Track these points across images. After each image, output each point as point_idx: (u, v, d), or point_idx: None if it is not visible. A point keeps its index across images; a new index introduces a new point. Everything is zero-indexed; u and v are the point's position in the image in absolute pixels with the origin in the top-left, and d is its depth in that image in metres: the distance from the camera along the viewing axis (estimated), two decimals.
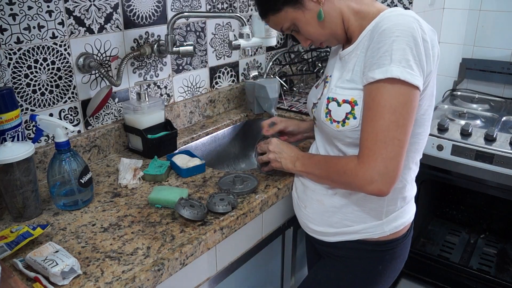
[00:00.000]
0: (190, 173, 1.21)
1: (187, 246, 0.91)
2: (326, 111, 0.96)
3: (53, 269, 0.79)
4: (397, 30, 0.82)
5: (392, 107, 0.83)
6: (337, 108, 0.93)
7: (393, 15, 0.85)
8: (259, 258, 1.25)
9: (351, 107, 0.91)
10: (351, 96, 0.91)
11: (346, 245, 1.03)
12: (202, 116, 1.67)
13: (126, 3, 1.33)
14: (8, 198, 0.99)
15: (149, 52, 1.41)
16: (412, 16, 0.84)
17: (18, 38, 1.11)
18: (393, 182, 0.86)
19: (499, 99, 2.12)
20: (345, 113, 0.92)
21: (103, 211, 1.05)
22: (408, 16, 0.84)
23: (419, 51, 0.83)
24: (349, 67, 0.94)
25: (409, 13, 0.85)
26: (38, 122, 1.04)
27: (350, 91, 0.92)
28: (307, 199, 1.07)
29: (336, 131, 0.95)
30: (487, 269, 1.96)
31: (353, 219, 1.00)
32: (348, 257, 1.05)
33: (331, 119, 0.95)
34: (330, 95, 0.96)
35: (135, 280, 0.81)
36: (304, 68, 2.03)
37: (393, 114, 0.83)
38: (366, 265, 1.04)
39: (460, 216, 2.27)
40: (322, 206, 1.03)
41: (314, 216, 1.06)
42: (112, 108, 1.39)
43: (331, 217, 1.03)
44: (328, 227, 1.04)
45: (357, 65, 0.92)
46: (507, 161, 1.60)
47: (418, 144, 0.97)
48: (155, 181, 1.18)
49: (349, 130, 0.92)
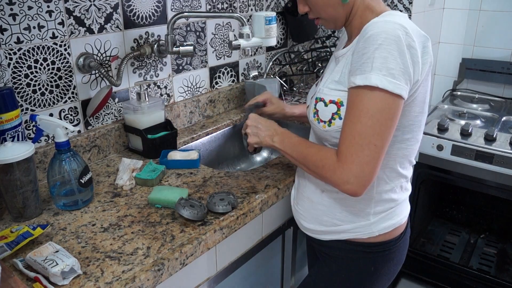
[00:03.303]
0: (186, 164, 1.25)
1: (187, 246, 0.91)
2: (314, 111, 0.97)
3: (53, 269, 0.79)
4: (380, 38, 0.82)
5: (369, 112, 0.84)
6: (324, 108, 0.94)
7: (380, 21, 0.85)
8: (259, 258, 1.25)
9: (337, 108, 0.92)
10: (338, 97, 0.92)
11: (337, 245, 1.04)
12: (202, 116, 1.68)
13: (126, 3, 1.33)
14: (8, 198, 0.99)
15: (149, 52, 1.41)
16: (399, 23, 0.83)
17: (18, 38, 1.11)
18: (366, 185, 0.88)
19: (499, 99, 2.12)
20: (331, 113, 0.93)
21: (103, 211, 1.05)
22: (395, 23, 0.83)
23: (404, 59, 0.82)
24: (339, 69, 0.95)
25: (397, 20, 0.84)
26: (38, 122, 1.04)
27: (337, 92, 0.93)
28: (299, 196, 1.09)
29: (323, 131, 0.96)
30: (487, 269, 1.96)
31: (341, 218, 1.01)
32: (340, 257, 1.05)
33: (319, 119, 0.96)
34: (318, 95, 0.97)
35: (135, 280, 0.81)
36: (304, 68, 2.03)
37: (370, 119, 0.84)
38: (358, 266, 1.04)
39: (460, 216, 2.27)
40: (311, 203, 1.04)
41: (305, 213, 1.07)
42: (112, 108, 1.39)
43: (320, 215, 1.03)
44: (319, 225, 1.04)
45: (345, 67, 0.92)
46: (507, 161, 1.60)
47: (407, 150, 0.96)
48: (146, 185, 1.16)
49: (335, 131, 0.93)
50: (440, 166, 1.78)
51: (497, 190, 1.70)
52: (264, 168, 1.27)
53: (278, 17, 1.96)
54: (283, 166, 1.27)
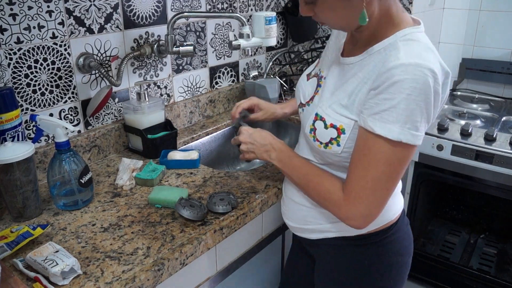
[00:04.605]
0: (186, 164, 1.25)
1: (187, 246, 0.91)
2: (311, 127, 0.92)
3: (53, 269, 0.79)
4: (409, 87, 0.75)
5: (388, 161, 0.81)
6: (323, 130, 0.89)
7: (411, 64, 0.76)
8: (259, 258, 1.25)
9: (338, 134, 0.88)
10: (341, 123, 0.87)
11: (325, 242, 1.01)
12: (202, 116, 1.68)
13: (126, 3, 1.33)
14: (8, 198, 0.99)
15: (149, 52, 1.41)
16: (429, 68, 0.76)
17: (18, 38, 1.11)
18: (371, 221, 0.87)
19: (499, 99, 2.12)
20: (329, 138, 0.89)
21: (103, 211, 1.05)
22: (425, 68, 0.76)
23: (429, 109, 0.78)
24: (347, 89, 0.87)
25: (426, 61, 0.77)
26: (38, 122, 1.04)
27: (341, 117, 0.87)
28: (284, 196, 1.09)
29: (317, 149, 0.92)
30: (487, 269, 1.96)
31: (324, 218, 0.98)
32: (331, 255, 1.03)
33: (315, 137, 0.91)
34: (319, 112, 0.91)
35: (135, 280, 0.81)
36: (304, 68, 2.03)
37: (388, 167, 0.81)
38: (350, 261, 1.01)
39: (460, 216, 2.27)
40: (294, 204, 1.03)
41: (290, 213, 1.06)
42: (112, 108, 1.39)
43: (304, 215, 1.02)
44: (304, 224, 1.03)
45: (356, 94, 0.85)
46: (507, 161, 1.60)
47: None
48: (146, 185, 1.17)
49: (331, 153, 0.90)
50: (440, 166, 1.78)
51: (497, 190, 1.70)
52: (264, 168, 1.27)
53: (278, 17, 1.96)
54: None
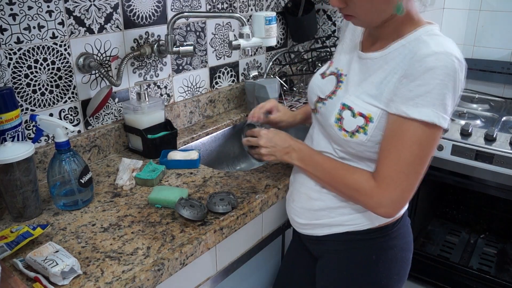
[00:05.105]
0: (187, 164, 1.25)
1: (187, 246, 0.91)
2: (337, 116, 0.93)
3: (53, 269, 0.79)
4: (442, 73, 0.81)
5: (421, 144, 0.84)
6: (350, 119, 0.91)
7: (442, 53, 0.82)
8: (259, 258, 1.25)
9: (365, 123, 0.89)
10: (369, 111, 0.89)
11: (332, 238, 1.02)
12: (202, 116, 1.68)
13: (126, 3, 1.33)
14: (8, 198, 0.99)
15: (149, 52, 1.41)
16: (456, 57, 0.83)
17: (18, 38, 1.11)
18: (401, 208, 0.91)
19: (499, 99, 2.12)
20: (357, 126, 0.90)
21: (103, 211, 1.05)
22: (454, 56, 0.82)
23: (456, 94, 0.84)
24: (374, 80, 0.90)
25: (454, 50, 0.83)
26: (38, 122, 1.04)
27: (370, 106, 0.89)
28: (296, 193, 1.07)
29: (342, 139, 0.93)
30: (487, 269, 1.97)
31: (340, 212, 1.00)
32: (338, 251, 1.03)
33: (341, 126, 0.92)
34: (347, 102, 0.92)
35: (135, 280, 0.81)
36: (304, 68, 2.03)
37: (421, 150, 0.85)
38: (358, 256, 1.02)
39: (460, 216, 2.27)
40: (308, 200, 1.03)
41: (301, 210, 1.06)
42: (112, 108, 1.39)
43: (317, 210, 1.02)
44: (314, 219, 1.03)
45: (386, 84, 0.88)
46: (507, 161, 1.60)
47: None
48: (146, 185, 1.16)
49: (356, 143, 0.91)
50: (440, 166, 1.78)
51: (497, 190, 1.70)
52: (264, 168, 1.27)
53: (278, 17, 1.96)
54: (283, 166, 1.27)
